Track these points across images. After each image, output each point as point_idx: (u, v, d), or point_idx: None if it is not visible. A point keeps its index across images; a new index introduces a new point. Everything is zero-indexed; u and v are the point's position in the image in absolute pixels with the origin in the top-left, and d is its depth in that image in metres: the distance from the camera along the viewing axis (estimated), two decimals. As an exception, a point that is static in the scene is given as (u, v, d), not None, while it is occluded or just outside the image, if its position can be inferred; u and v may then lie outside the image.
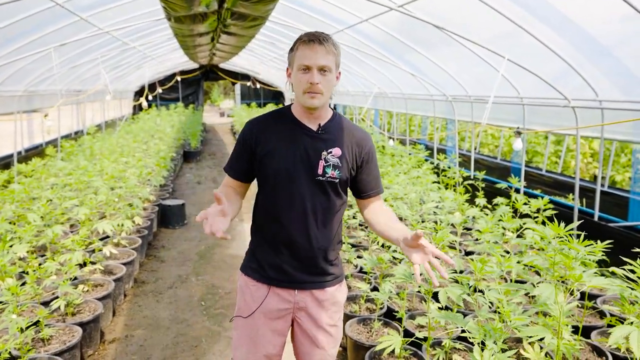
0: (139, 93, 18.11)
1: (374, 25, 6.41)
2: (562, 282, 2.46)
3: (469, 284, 2.03)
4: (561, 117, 5.50)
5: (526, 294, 3.59)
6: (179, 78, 19.18)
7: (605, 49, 4.27)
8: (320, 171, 1.82)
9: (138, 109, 18.10)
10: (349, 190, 1.97)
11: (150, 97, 17.02)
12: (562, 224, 2.13)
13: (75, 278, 3.73)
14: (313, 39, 1.74)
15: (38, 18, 5.62)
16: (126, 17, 7.28)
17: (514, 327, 1.88)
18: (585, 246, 2.04)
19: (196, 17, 6.47)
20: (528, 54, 5.01)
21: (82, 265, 3.86)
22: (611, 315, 3.34)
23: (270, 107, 18.79)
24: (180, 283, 4.63)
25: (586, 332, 3.16)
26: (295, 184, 1.81)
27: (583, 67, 4.51)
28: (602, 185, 6.77)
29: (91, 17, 6.47)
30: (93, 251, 4.23)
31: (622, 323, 3.00)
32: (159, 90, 17.59)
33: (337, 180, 1.85)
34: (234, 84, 21.82)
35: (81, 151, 7.64)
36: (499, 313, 2.06)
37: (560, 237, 2.23)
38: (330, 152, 1.84)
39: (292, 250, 1.85)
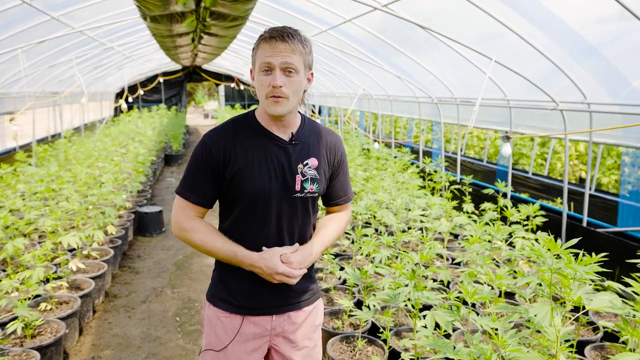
0: (120, 95, 17.74)
1: (358, 26, 6.25)
2: (557, 299, 2.30)
3: (459, 309, 1.86)
4: (549, 119, 5.38)
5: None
6: (161, 79, 18.85)
7: (593, 48, 4.15)
8: (298, 187, 1.63)
9: (119, 110, 17.70)
10: None
11: (130, 99, 16.68)
12: (560, 241, 1.96)
13: (38, 295, 3.48)
14: (275, 35, 1.52)
15: (5, 17, 5.34)
16: (102, 16, 7.01)
17: (508, 358, 1.71)
18: (585, 265, 1.87)
19: (173, 16, 6.23)
20: (514, 54, 4.88)
21: (46, 281, 3.61)
22: (604, 328, 3.20)
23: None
24: (154, 297, 4.39)
25: (580, 347, 3.02)
26: (270, 203, 1.61)
27: (570, 68, 4.39)
28: (589, 189, 6.68)
29: (63, 17, 6.19)
30: (59, 265, 3.97)
31: (618, 338, 2.87)
32: (140, 92, 17.22)
33: (316, 194, 1.68)
34: (217, 85, 21.52)
35: (54, 156, 7.33)
36: (492, 338, 1.89)
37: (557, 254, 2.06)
38: (307, 164, 1.65)
39: None
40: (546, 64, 4.46)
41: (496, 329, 1.80)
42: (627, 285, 2.30)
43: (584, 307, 3.46)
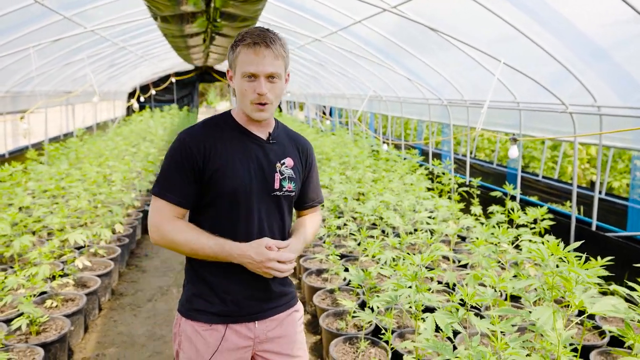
0: (132, 94, 17.91)
1: (368, 27, 6.24)
2: (560, 303, 2.27)
3: (458, 311, 1.84)
4: (559, 122, 5.33)
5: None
6: (173, 79, 18.98)
7: (603, 52, 4.11)
8: (277, 185, 1.64)
9: (132, 110, 17.86)
10: None
11: (142, 99, 16.82)
12: (561, 242, 1.94)
13: (45, 292, 3.51)
14: (258, 41, 1.50)
15: (18, 16, 5.42)
16: (115, 16, 7.09)
17: (507, 361, 1.69)
18: (587, 269, 1.85)
19: (184, 17, 6.27)
20: (525, 57, 4.84)
21: (52, 278, 3.64)
22: (610, 332, 3.15)
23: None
24: (160, 295, 4.41)
25: (585, 352, 2.98)
26: (251, 202, 1.59)
27: (581, 71, 4.35)
28: (600, 192, 6.60)
29: (76, 16, 6.27)
30: (66, 262, 4.01)
31: (624, 343, 2.83)
32: (152, 91, 17.37)
33: (293, 193, 1.70)
34: (229, 86, 21.62)
35: (65, 155, 7.41)
36: (491, 341, 1.87)
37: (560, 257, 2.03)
38: (284, 163, 1.67)
39: (251, 277, 1.62)
40: (557, 67, 4.42)
41: (495, 332, 1.78)
42: (632, 289, 2.27)
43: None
